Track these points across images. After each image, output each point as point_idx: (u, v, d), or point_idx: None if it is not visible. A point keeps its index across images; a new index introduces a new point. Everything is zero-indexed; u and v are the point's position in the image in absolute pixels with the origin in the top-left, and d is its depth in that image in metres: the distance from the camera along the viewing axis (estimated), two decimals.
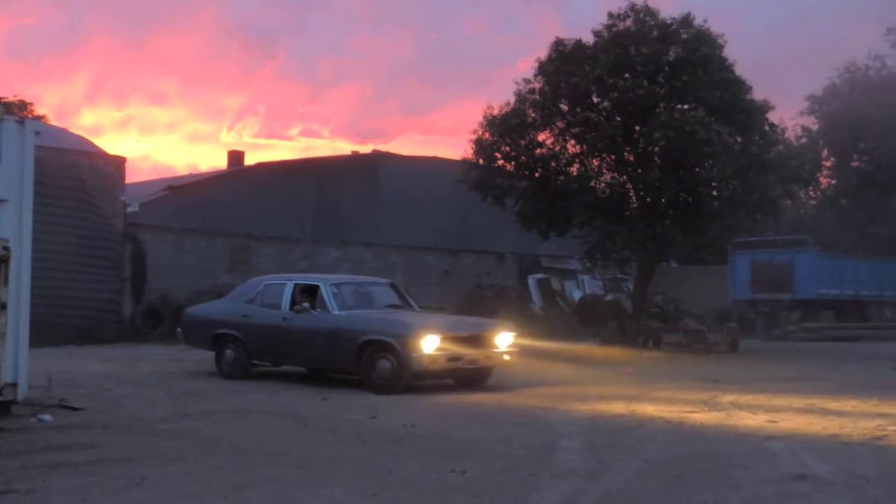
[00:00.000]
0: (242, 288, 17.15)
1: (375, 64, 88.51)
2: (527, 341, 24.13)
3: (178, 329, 17.93)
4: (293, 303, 15.16)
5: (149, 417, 11.00)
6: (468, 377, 14.63)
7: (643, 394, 13.94)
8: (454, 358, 13.90)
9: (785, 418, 11.24)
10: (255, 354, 15.85)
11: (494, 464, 8.16)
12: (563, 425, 10.45)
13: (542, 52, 23.38)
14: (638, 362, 20.26)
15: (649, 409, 11.95)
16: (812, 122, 44.58)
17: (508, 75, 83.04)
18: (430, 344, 13.63)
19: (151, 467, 7.87)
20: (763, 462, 8.36)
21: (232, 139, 79.87)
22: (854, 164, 44.26)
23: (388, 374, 13.72)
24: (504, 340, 14.71)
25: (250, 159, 34.36)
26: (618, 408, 12.09)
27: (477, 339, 14.41)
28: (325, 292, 14.94)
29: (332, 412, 11.56)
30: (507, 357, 14.72)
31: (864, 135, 42.37)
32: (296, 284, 15.59)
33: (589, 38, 23.20)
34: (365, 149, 35.33)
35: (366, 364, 13.96)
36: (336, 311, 14.72)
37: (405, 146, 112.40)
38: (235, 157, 33.69)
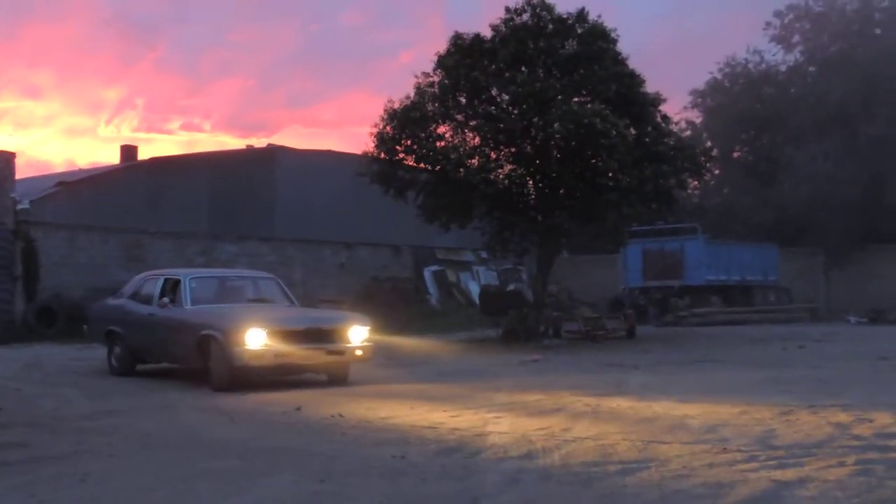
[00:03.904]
0: (130, 283, 16.95)
1: (257, 56, 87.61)
2: (426, 334, 24.68)
3: (85, 326, 17.73)
4: (161, 297, 14.87)
5: (70, 416, 10.87)
6: (329, 372, 14.19)
7: (555, 380, 14.35)
8: (284, 354, 13.27)
9: (696, 397, 11.74)
10: (133, 350, 15.54)
11: (429, 448, 8.36)
12: (489, 411, 10.70)
13: (425, 45, 23.81)
14: (541, 350, 20.74)
15: (565, 394, 12.30)
16: (696, 116, 46.04)
17: (391, 67, 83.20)
18: (254, 338, 13.03)
19: (91, 463, 7.83)
20: (685, 437, 8.75)
21: (111, 133, 77.99)
22: (736, 154, 45.83)
23: (216, 370, 13.36)
24: (357, 335, 14.02)
25: (129, 153, 33.58)
26: (535, 394, 12.41)
27: (319, 334, 13.71)
28: (183, 286, 14.60)
29: (256, 406, 11.59)
30: (359, 353, 14.01)
31: (746, 126, 43.94)
32: (166, 279, 15.29)
33: (485, 32, 23.56)
34: (248, 143, 35.40)
35: (205, 359, 13.57)
36: (187, 306, 14.34)
37: (288, 139, 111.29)
38: (128, 151, 33.08)
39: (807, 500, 6.23)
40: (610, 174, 22.30)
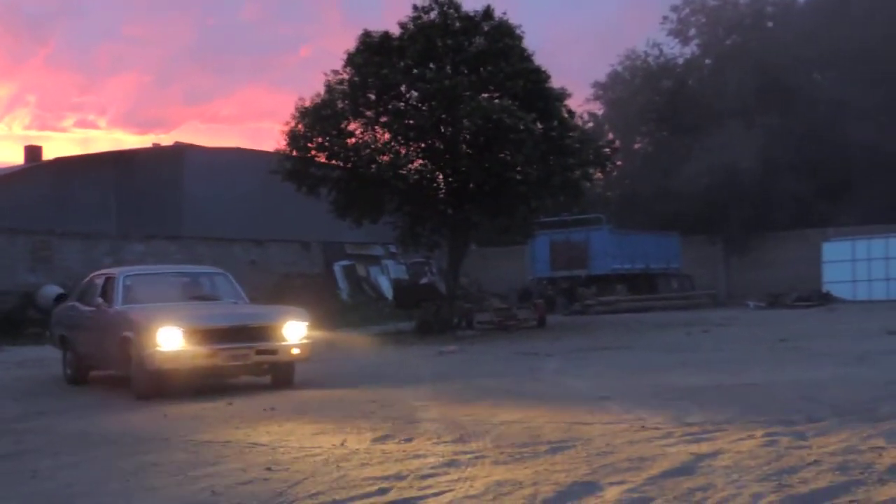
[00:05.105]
0: (81, 283, 15.90)
1: (154, 51, 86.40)
2: (340, 329, 24.95)
3: (47, 332, 16.77)
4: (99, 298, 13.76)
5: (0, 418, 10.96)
6: (269, 374, 13.18)
7: (474, 369, 14.85)
8: (204, 355, 12.07)
9: (610, 381, 12.34)
10: (79, 356, 14.40)
11: (365, 436, 8.73)
12: (416, 400, 11.10)
13: (324, 39, 23.98)
14: (456, 341, 21.23)
15: (486, 382, 12.79)
16: (598, 108, 47.16)
17: (291, 62, 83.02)
18: (167, 339, 11.81)
19: (37, 461, 8.02)
20: (605, 418, 9.28)
21: (2, 132, 76.16)
22: (637, 146, 47.08)
23: (135, 375, 12.23)
24: (293, 332, 12.80)
25: (34, 153, 33.05)
26: (457, 383, 12.87)
27: (247, 332, 12.54)
28: (116, 285, 13.41)
29: (189, 402, 11.77)
30: (295, 351, 12.79)
31: (646, 118, 45.18)
32: (107, 278, 14.09)
33: (389, 27, 24.02)
34: (146, 139, 35.15)
35: (128, 363, 12.37)
36: (118, 306, 13.09)
37: (187, 135, 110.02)
38: (32, 151, 32.59)
39: (722, 469, 6.78)
40: (518, 168, 22.95)
